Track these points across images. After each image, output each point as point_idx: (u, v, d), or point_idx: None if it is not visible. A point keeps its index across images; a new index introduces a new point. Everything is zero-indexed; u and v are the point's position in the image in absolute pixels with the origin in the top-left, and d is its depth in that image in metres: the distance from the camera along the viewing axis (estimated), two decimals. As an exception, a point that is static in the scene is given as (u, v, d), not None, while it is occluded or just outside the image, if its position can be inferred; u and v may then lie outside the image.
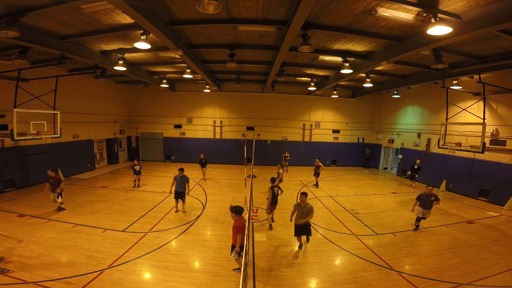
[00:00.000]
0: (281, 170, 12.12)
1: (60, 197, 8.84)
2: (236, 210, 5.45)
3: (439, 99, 13.59)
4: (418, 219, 8.26)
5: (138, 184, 12.58)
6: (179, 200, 9.20)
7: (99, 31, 8.03)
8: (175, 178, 8.91)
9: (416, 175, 13.82)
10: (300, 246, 6.95)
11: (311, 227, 7.00)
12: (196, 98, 19.82)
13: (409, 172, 13.93)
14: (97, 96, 16.58)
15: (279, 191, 8.71)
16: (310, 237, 7.08)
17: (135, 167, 12.24)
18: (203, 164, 14.45)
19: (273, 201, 8.09)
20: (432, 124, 14.91)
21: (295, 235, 6.89)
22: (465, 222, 9.08)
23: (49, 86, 11.38)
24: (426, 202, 8.04)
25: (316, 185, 13.83)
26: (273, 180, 8.37)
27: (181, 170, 8.96)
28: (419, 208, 8.17)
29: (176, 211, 9.25)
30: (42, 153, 12.67)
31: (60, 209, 8.92)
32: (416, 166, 13.77)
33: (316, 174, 13.82)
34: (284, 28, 7.44)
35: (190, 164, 18.25)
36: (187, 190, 9.06)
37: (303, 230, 6.78)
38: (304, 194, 6.72)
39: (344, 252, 6.85)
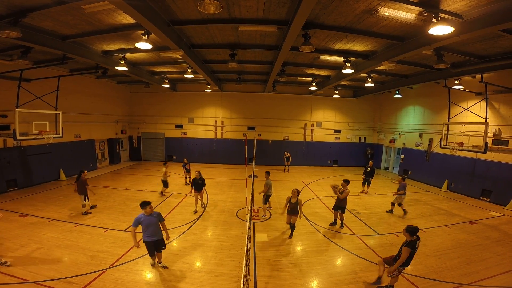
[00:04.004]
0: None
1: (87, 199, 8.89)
2: None
3: (441, 99, 13.52)
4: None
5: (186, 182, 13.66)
6: (156, 252, 5.75)
7: (101, 31, 8.04)
8: (139, 221, 5.34)
9: (371, 179, 12.51)
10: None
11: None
12: (197, 98, 19.83)
13: (363, 176, 12.68)
14: (98, 96, 16.62)
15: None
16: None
17: (186, 165, 13.49)
18: (198, 187, 9.37)
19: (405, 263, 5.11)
20: (434, 124, 14.84)
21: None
22: (467, 222, 9.05)
23: (51, 86, 11.42)
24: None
25: (342, 225, 8.49)
26: (415, 231, 5.09)
27: (147, 204, 5.34)
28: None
29: (153, 265, 5.92)
30: (44, 153, 12.72)
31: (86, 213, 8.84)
32: (368, 169, 12.48)
33: (340, 208, 8.25)
34: (285, 28, 7.43)
35: (191, 164, 18.20)
36: (165, 234, 5.71)
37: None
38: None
39: (345, 252, 6.84)
